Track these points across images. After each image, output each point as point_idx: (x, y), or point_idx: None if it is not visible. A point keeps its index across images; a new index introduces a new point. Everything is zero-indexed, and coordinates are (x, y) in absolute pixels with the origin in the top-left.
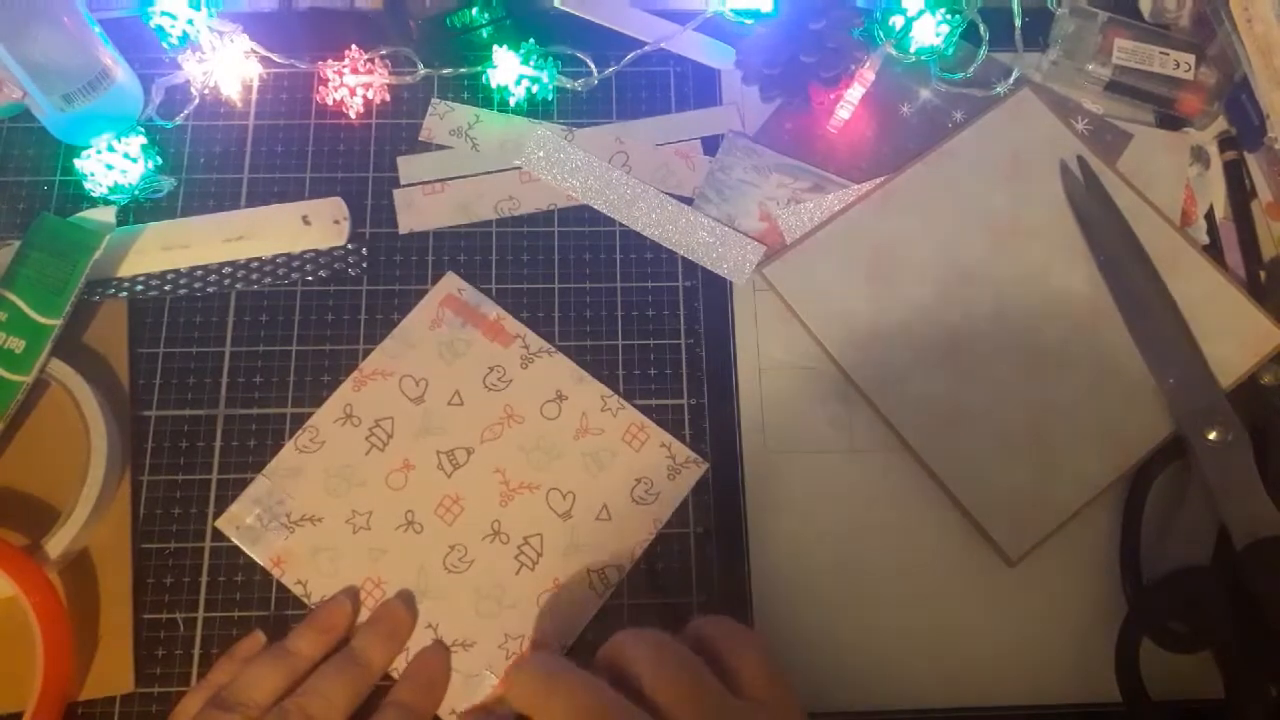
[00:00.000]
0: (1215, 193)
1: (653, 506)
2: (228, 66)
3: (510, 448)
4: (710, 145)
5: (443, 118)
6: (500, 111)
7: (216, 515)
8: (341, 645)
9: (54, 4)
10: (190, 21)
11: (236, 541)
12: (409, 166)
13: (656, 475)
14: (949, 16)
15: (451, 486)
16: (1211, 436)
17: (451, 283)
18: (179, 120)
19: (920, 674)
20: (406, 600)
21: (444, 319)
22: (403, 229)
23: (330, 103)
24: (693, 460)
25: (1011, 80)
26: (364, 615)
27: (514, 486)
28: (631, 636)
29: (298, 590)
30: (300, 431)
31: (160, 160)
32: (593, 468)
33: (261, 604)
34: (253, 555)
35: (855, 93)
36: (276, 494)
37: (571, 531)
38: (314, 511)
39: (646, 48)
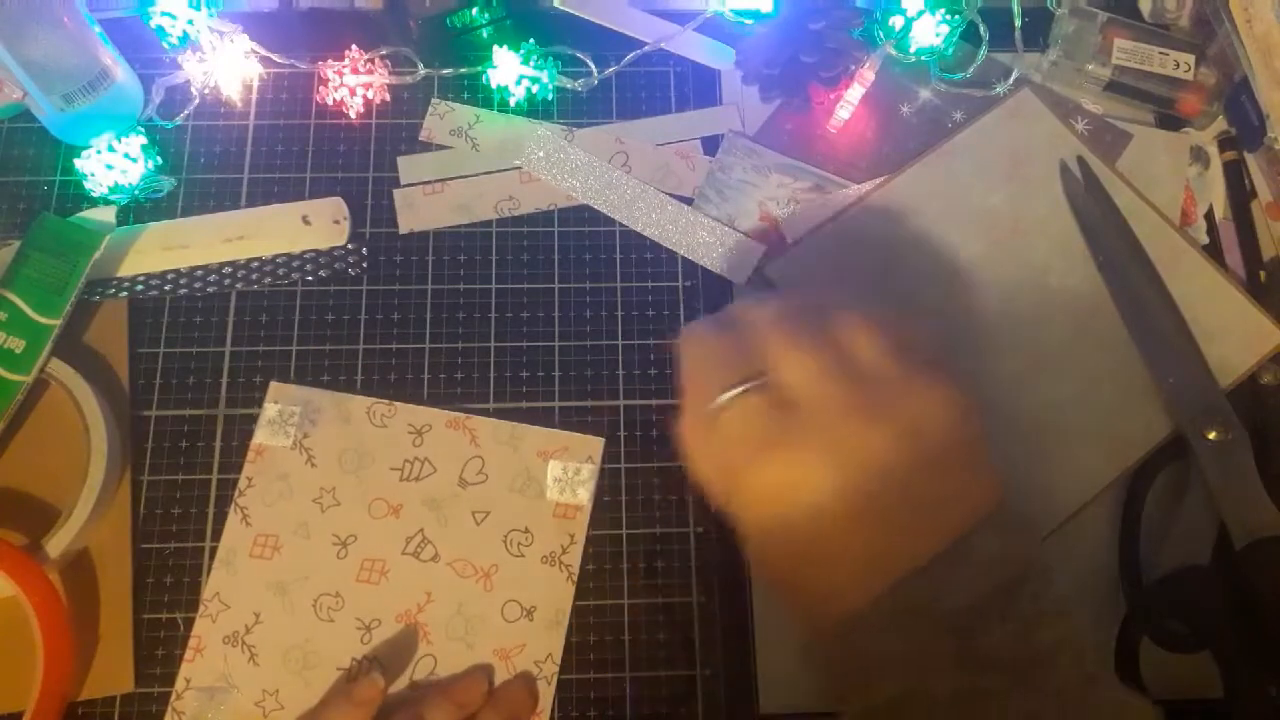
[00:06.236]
0: (1215, 193)
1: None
2: (228, 66)
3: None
4: (710, 145)
5: (443, 118)
6: (500, 111)
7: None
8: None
9: (54, 4)
10: (190, 21)
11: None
12: (409, 166)
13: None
14: (949, 17)
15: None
16: (1211, 436)
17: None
18: (179, 120)
19: None
20: (528, 683)
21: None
22: (403, 229)
23: (330, 103)
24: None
25: (1011, 80)
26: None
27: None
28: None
29: None
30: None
31: (160, 160)
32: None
33: None
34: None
35: (855, 93)
36: None
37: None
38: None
39: (646, 48)
